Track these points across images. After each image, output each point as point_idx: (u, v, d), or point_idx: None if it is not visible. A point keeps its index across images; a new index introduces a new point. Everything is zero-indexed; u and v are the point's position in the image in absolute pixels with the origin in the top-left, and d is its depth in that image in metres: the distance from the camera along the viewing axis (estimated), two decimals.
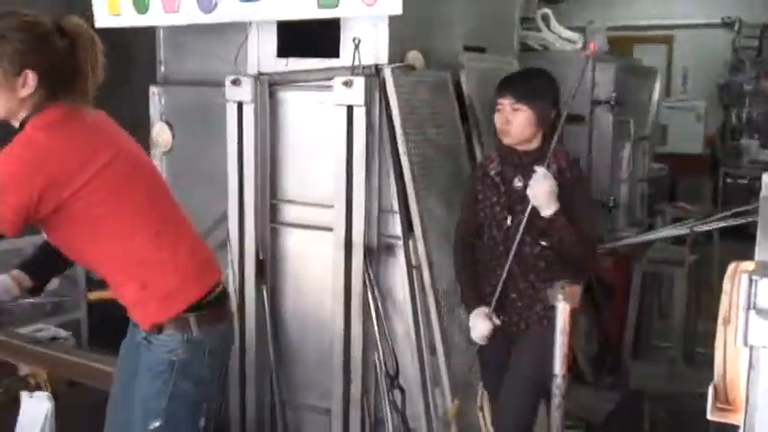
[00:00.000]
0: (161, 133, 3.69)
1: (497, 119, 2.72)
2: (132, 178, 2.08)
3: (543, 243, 2.68)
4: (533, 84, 2.75)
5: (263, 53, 3.38)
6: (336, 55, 3.20)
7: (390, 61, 3.10)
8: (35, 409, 2.54)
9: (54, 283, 4.20)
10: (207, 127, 3.52)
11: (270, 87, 3.31)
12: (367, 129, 3.05)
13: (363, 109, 3.03)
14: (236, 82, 3.26)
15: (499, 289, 2.68)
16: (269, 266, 3.36)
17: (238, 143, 3.30)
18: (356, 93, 3.03)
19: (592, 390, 3.86)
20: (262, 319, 3.35)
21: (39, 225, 2.04)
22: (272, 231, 3.39)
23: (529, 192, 2.57)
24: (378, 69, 3.07)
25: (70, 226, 2.00)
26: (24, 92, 1.94)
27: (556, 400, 2.26)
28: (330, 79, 3.11)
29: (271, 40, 3.36)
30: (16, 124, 2.02)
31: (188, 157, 3.67)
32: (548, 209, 2.56)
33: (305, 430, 3.44)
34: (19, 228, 1.92)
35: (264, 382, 3.42)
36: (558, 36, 4.41)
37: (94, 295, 3.32)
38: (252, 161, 3.29)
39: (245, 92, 3.25)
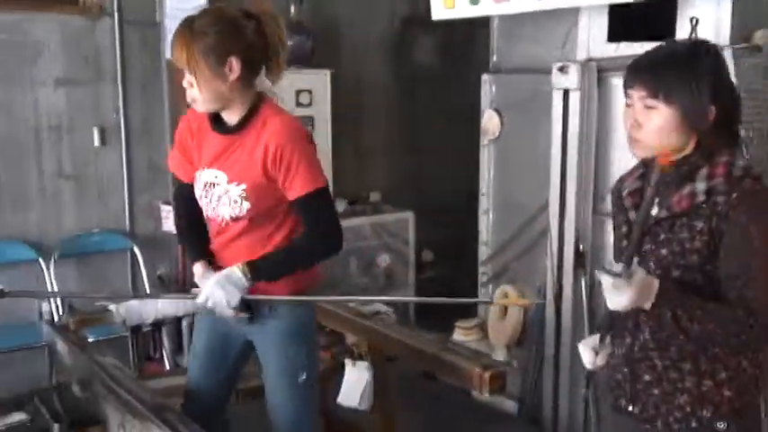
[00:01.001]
0: (490, 120, 3.77)
1: (624, 119, 1.80)
2: None
3: None
4: (680, 68, 1.70)
5: (593, 38, 3.30)
6: (671, 37, 3.01)
7: (733, 42, 2.86)
8: (357, 376, 2.79)
9: (386, 260, 4.57)
10: (534, 114, 3.53)
11: (598, 74, 3.23)
12: None
13: None
14: (563, 69, 3.24)
15: (617, 348, 1.87)
16: (589, 257, 3.28)
17: (563, 131, 3.28)
18: None
19: None
20: (578, 311, 3.29)
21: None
22: (593, 222, 3.30)
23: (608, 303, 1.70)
24: None
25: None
26: (232, 76, 2.12)
27: None
28: None
29: (601, 25, 3.26)
30: (228, 115, 2.19)
31: (514, 144, 3.72)
32: (644, 303, 1.67)
33: (616, 429, 3.31)
34: None
35: (579, 373, 3.35)
36: None
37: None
38: (576, 149, 3.24)
39: (571, 79, 3.21)
